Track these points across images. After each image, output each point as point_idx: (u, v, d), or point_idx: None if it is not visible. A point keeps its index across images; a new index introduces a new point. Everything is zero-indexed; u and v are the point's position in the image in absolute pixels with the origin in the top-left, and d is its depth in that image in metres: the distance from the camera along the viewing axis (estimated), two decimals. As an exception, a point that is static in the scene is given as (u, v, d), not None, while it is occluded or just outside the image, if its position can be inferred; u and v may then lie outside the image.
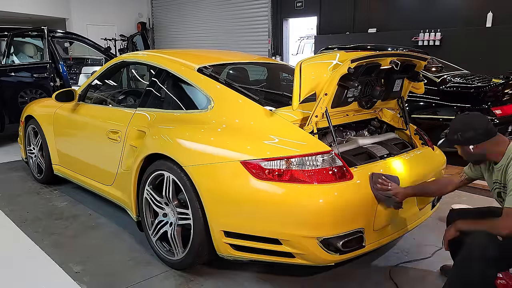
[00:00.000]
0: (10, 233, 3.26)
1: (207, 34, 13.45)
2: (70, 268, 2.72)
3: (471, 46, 7.79)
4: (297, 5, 11.02)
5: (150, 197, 2.75)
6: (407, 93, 3.01)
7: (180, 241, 2.59)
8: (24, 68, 6.18)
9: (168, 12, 14.91)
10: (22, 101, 5.97)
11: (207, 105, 2.70)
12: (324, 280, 2.59)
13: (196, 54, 3.75)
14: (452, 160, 2.99)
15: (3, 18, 11.77)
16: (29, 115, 4.36)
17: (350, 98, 2.57)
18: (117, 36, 12.29)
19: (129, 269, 2.71)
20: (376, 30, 9.37)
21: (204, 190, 2.36)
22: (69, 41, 7.91)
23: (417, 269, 2.70)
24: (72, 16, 13.54)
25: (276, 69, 3.93)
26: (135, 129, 3.00)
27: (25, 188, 4.32)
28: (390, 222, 2.36)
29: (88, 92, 3.83)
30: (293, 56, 12.52)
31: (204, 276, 2.62)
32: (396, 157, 2.58)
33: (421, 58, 2.79)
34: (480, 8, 7.88)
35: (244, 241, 2.31)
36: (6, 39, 6.16)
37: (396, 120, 3.03)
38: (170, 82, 3.10)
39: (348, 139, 2.72)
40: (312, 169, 2.19)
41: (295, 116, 2.48)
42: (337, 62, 2.48)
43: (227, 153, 2.34)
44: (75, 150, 3.78)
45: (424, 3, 8.68)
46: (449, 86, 4.93)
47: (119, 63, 3.70)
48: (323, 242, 2.15)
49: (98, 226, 3.39)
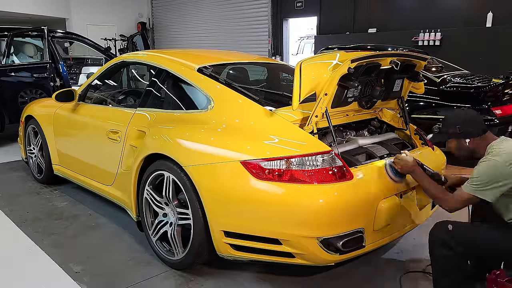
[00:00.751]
0: (10, 233, 3.26)
1: (207, 34, 13.45)
2: (70, 268, 2.72)
3: (471, 46, 7.79)
4: (297, 5, 11.02)
5: (150, 197, 2.75)
6: (407, 93, 3.01)
7: (180, 241, 2.59)
8: (24, 68, 6.18)
9: (168, 12, 14.91)
10: (22, 101, 5.97)
11: (207, 105, 2.70)
12: (324, 280, 2.59)
13: (196, 54, 3.75)
14: (452, 160, 2.99)
15: (3, 18, 11.77)
16: (29, 115, 4.36)
17: (350, 98, 2.57)
18: (117, 36, 12.28)
19: (129, 269, 2.71)
20: (376, 30, 9.37)
21: (204, 190, 2.36)
22: (69, 41, 7.91)
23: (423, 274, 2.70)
24: (72, 16, 13.54)
25: (276, 69, 3.93)
26: (135, 129, 3.00)
27: (25, 188, 4.32)
28: (390, 222, 2.36)
29: (88, 92, 3.83)
30: (293, 56, 12.52)
31: (204, 276, 2.62)
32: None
33: (421, 58, 2.79)
34: (480, 8, 7.88)
35: (244, 241, 2.31)
36: (6, 39, 6.16)
37: (396, 120, 3.02)
38: (170, 82, 3.09)
39: (348, 139, 2.72)
40: (312, 169, 2.19)
41: (295, 116, 2.48)
42: (337, 62, 2.47)
43: (227, 153, 2.34)
44: (75, 150, 3.78)
45: (424, 3, 8.68)
46: (449, 86, 4.93)
47: (119, 63, 3.70)
48: (323, 242, 2.15)
49: (98, 226, 3.39)
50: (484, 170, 2.03)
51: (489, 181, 2.00)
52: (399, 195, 2.43)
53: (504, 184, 1.99)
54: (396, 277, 2.60)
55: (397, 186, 2.39)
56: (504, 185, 1.99)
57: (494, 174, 2.00)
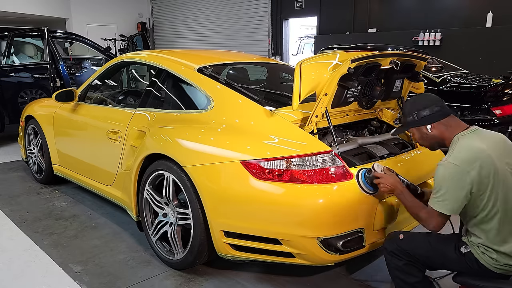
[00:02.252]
0: (10, 233, 3.26)
1: (207, 34, 13.45)
2: (70, 268, 2.73)
3: (471, 46, 7.79)
4: (297, 5, 11.02)
5: (150, 197, 2.75)
6: (407, 93, 3.01)
7: (180, 241, 2.59)
8: (24, 69, 6.18)
9: (168, 12, 14.90)
10: (22, 101, 5.98)
11: (207, 105, 2.70)
12: (324, 280, 2.59)
13: (196, 54, 3.75)
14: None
15: (3, 18, 11.78)
16: (29, 115, 4.36)
17: (350, 98, 2.57)
18: (117, 36, 12.28)
19: (129, 269, 2.71)
20: (376, 30, 9.37)
21: (204, 190, 2.36)
22: (69, 41, 7.91)
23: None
24: (72, 16, 13.54)
25: (276, 69, 3.93)
26: (135, 129, 3.00)
27: (25, 188, 4.32)
28: (390, 222, 2.36)
29: (88, 92, 3.83)
30: (293, 56, 12.52)
31: (204, 276, 2.62)
32: (396, 157, 2.58)
33: (421, 58, 2.79)
34: (480, 8, 7.88)
35: (244, 241, 2.31)
36: (6, 39, 6.16)
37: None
38: (170, 82, 3.10)
39: (348, 139, 2.72)
40: (312, 169, 2.19)
41: (295, 116, 2.48)
42: (337, 62, 2.47)
43: (227, 153, 2.34)
44: (75, 150, 3.78)
45: (424, 3, 8.68)
46: (449, 86, 4.93)
47: (119, 63, 3.70)
48: (323, 242, 2.15)
49: (98, 226, 3.39)
50: (442, 176, 1.81)
51: (445, 190, 1.79)
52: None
53: (465, 194, 1.77)
54: (396, 277, 2.60)
55: None
56: (465, 195, 1.77)
57: (451, 180, 1.77)
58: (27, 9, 11.51)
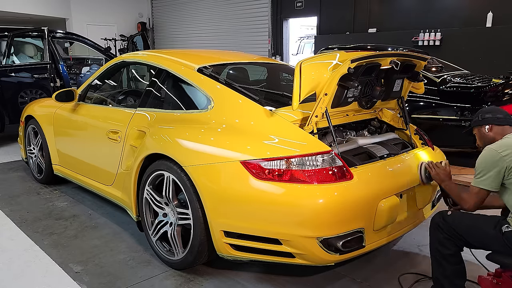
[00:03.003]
0: (10, 233, 3.26)
1: (207, 34, 13.44)
2: (70, 268, 2.73)
3: (471, 46, 7.79)
4: (297, 5, 11.01)
5: (150, 197, 2.75)
6: (407, 93, 3.01)
7: (180, 241, 2.59)
8: (24, 69, 6.18)
9: (168, 12, 14.90)
10: (22, 101, 5.98)
11: (207, 105, 2.70)
12: (324, 280, 2.59)
13: (196, 54, 3.75)
14: (452, 160, 2.99)
15: (3, 18, 11.78)
16: (29, 115, 4.37)
17: (350, 98, 2.57)
18: (117, 36, 12.28)
19: (129, 269, 2.71)
20: (376, 30, 9.36)
21: (204, 190, 2.36)
22: (69, 41, 7.91)
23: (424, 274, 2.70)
24: (72, 16, 13.53)
25: (276, 69, 3.92)
26: (135, 129, 3.00)
27: (25, 188, 4.32)
28: (390, 222, 2.36)
29: (88, 92, 3.83)
30: (293, 56, 12.52)
31: (204, 276, 2.62)
32: (396, 157, 2.58)
33: (421, 58, 2.79)
34: (480, 8, 7.87)
35: (244, 241, 2.31)
36: (6, 39, 6.16)
37: (396, 120, 3.02)
38: (170, 82, 3.10)
39: (348, 139, 2.72)
40: (312, 169, 2.19)
41: (295, 116, 2.48)
42: (337, 62, 2.47)
43: (227, 153, 2.34)
44: (75, 150, 3.78)
45: (424, 3, 8.67)
46: (449, 86, 4.92)
47: (119, 63, 3.70)
48: (323, 242, 2.15)
49: (98, 226, 3.39)
50: (480, 160, 2.10)
51: (483, 170, 2.07)
52: (399, 195, 2.43)
53: (498, 171, 2.02)
54: (395, 277, 2.60)
55: (397, 186, 2.40)
56: (498, 172, 2.02)
57: (486, 162, 2.06)
58: (27, 9, 11.51)
